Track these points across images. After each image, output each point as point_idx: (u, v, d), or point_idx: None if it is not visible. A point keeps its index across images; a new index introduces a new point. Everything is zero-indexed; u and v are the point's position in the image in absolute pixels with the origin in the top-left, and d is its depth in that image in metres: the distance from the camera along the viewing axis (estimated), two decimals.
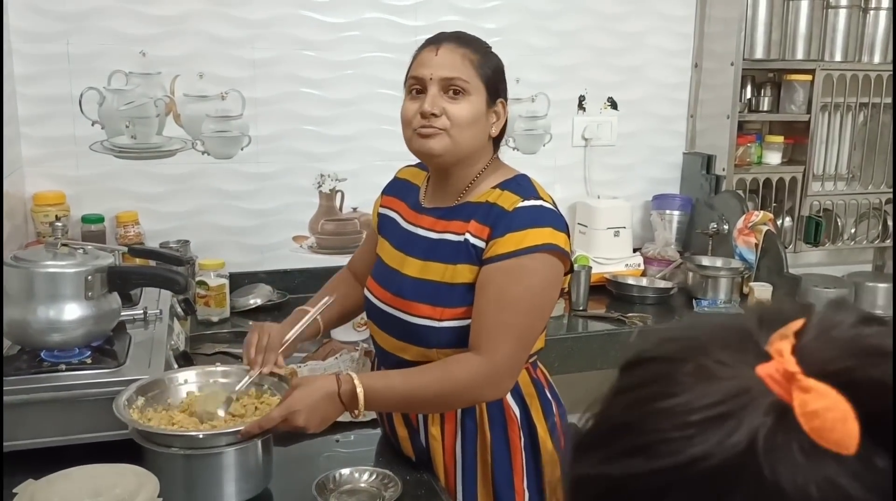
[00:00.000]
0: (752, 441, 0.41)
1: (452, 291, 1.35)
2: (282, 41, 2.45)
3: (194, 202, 2.45)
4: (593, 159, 2.91)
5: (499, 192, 1.37)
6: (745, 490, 0.41)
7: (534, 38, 2.73)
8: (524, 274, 1.30)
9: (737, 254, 2.68)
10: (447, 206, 1.42)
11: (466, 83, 1.34)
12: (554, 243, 1.31)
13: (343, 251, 2.63)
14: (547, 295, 1.35)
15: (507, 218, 1.32)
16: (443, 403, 1.37)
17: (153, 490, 1.06)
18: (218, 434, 1.22)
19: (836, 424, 0.41)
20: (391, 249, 1.47)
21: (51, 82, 2.25)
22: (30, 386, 1.34)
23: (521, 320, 1.31)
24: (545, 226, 1.32)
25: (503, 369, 1.32)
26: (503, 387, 1.36)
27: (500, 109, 1.40)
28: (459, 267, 1.35)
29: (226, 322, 2.27)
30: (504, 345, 1.30)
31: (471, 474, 1.41)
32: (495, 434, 1.40)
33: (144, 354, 1.48)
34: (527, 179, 1.41)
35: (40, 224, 2.20)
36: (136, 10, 2.29)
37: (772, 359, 0.44)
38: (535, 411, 1.44)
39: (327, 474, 1.33)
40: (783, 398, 0.42)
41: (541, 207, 1.34)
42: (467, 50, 1.36)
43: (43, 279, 1.38)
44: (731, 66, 2.79)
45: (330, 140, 2.54)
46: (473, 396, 1.35)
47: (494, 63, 1.39)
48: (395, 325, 1.41)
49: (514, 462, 1.41)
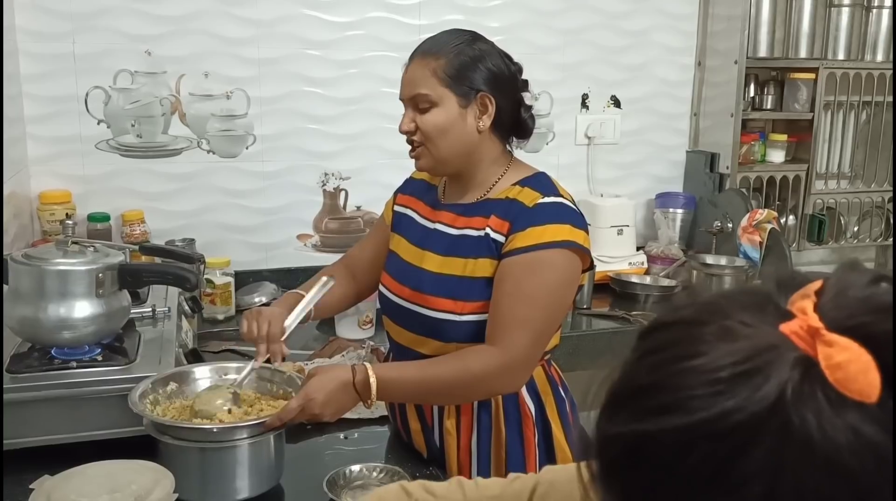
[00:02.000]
0: (780, 393, 0.44)
1: (473, 284, 1.36)
2: (286, 40, 2.45)
3: (199, 201, 2.45)
4: (597, 157, 2.91)
5: (519, 188, 1.38)
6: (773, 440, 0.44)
7: (537, 36, 2.74)
8: (542, 268, 1.31)
9: (741, 252, 2.69)
10: (468, 203, 1.43)
11: (429, 95, 1.34)
12: (573, 239, 1.32)
13: (347, 250, 2.63)
14: (564, 291, 1.36)
15: (527, 213, 1.33)
16: (457, 394, 1.37)
17: (169, 486, 1.07)
18: (233, 428, 1.23)
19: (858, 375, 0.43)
20: (409, 245, 1.48)
21: (57, 82, 2.26)
22: (41, 383, 1.35)
23: (537, 313, 1.32)
24: (565, 223, 1.33)
25: (518, 362, 1.32)
26: (518, 380, 1.37)
27: (484, 102, 1.36)
28: (480, 261, 1.36)
29: (231, 320, 2.27)
30: (520, 338, 1.31)
31: (485, 470, 1.41)
32: (510, 430, 1.41)
33: (154, 351, 1.49)
34: (547, 177, 1.42)
35: (46, 223, 2.21)
36: (142, 9, 2.30)
37: (794, 317, 0.47)
38: (550, 408, 1.44)
39: (338, 470, 1.34)
40: (808, 352, 0.45)
41: (561, 204, 1.36)
42: (432, 59, 1.35)
43: (54, 277, 1.39)
44: (734, 64, 2.80)
45: (334, 139, 2.55)
46: (487, 388, 1.36)
47: (464, 60, 1.35)
48: (414, 320, 1.41)
49: (528, 458, 1.42)
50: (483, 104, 1.36)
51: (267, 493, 1.27)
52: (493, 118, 1.37)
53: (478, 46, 1.37)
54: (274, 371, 1.40)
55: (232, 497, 1.23)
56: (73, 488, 1.04)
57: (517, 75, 1.42)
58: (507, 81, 1.39)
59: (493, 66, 1.37)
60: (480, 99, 1.36)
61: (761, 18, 2.82)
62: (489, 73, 1.36)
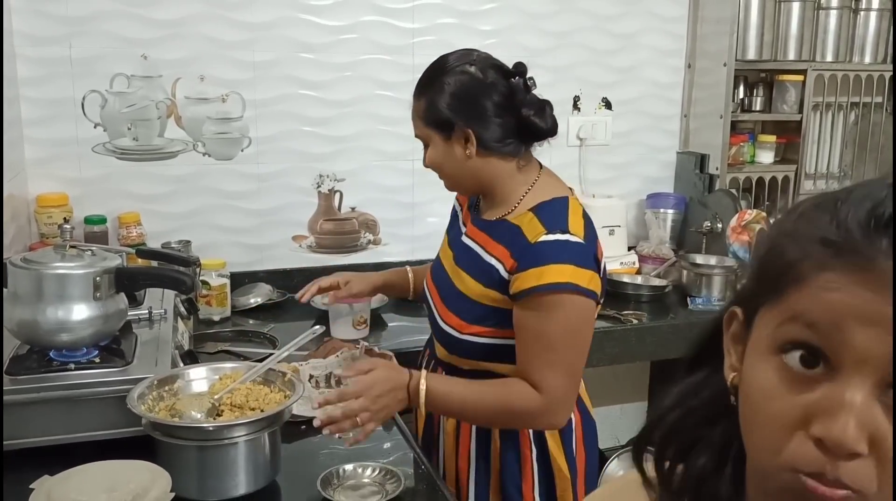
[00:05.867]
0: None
1: (475, 308, 1.41)
2: (281, 44, 2.48)
3: (195, 203, 2.48)
4: (588, 159, 2.94)
5: (531, 216, 1.38)
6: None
7: (529, 39, 2.77)
8: (552, 312, 1.31)
9: (730, 252, 2.72)
10: (490, 220, 1.47)
11: (420, 137, 1.45)
12: (574, 282, 1.30)
13: (341, 251, 2.67)
14: (581, 331, 1.36)
15: (529, 251, 1.34)
16: (496, 423, 1.44)
17: (166, 485, 1.09)
18: (230, 426, 1.25)
19: None
20: (447, 247, 1.58)
21: (53, 85, 2.28)
22: (40, 385, 1.37)
23: (563, 356, 1.34)
24: (565, 263, 1.30)
25: (557, 401, 1.36)
26: (559, 418, 1.40)
27: (464, 132, 1.39)
28: (488, 291, 1.40)
29: (227, 321, 2.30)
30: (553, 379, 1.33)
31: (482, 484, 1.48)
32: (504, 445, 1.47)
33: (151, 353, 1.51)
34: (562, 205, 1.40)
35: (44, 225, 2.23)
36: (138, 13, 2.32)
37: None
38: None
39: (331, 469, 1.36)
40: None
41: (565, 241, 1.32)
42: (416, 101, 1.44)
43: (52, 280, 1.41)
44: (723, 66, 2.83)
45: (329, 141, 2.58)
46: (526, 424, 1.42)
47: (433, 98, 1.39)
48: (433, 319, 1.53)
49: (525, 476, 1.47)
50: (463, 135, 1.39)
51: (263, 490, 1.30)
52: (476, 144, 1.39)
53: (446, 80, 1.39)
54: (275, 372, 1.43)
55: (229, 493, 1.26)
56: (72, 487, 1.07)
57: (515, 84, 1.41)
58: (491, 102, 1.38)
59: (470, 93, 1.38)
60: (459, 131, 1.39)
61: (750, 21, 2.85)
62: (466, 103, 1.38)
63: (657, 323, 2.46)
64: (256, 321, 2.32)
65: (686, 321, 2.49)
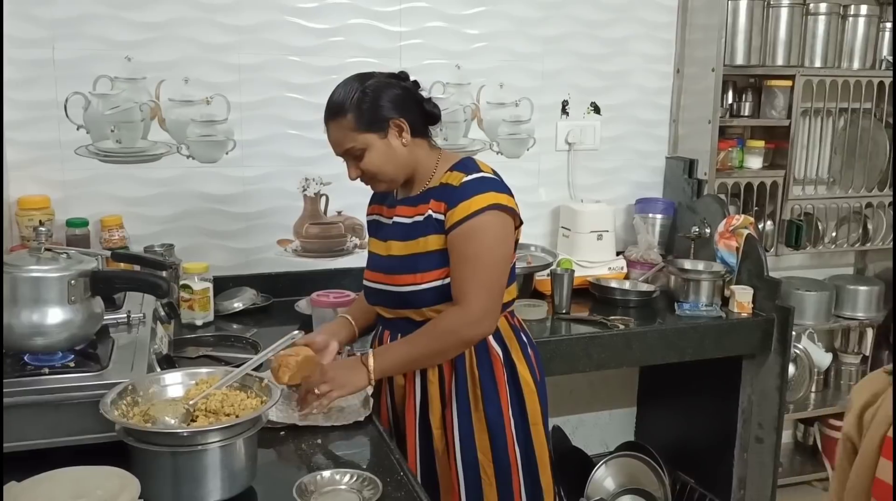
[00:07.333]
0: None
1: (427, 258, 1.63)
2: (267, 47, 2.47)
3: (179, 206, 2.46)
4: (577, 163, 2.94)
5: (449, 173, 1.66)
6: None
7: (518, 44, 2.76)
8: (476, 233, 1.58)
9: (718, 257, 2.71)
10: (415, 195, 1.69)
11: (355, 146, 1.60)
12: (496, 202, 1.60)
13: (327, 254, 2.65)
14: (501, 247, 1.62)
15: (457, 192, 1.60)
16: (435, 349, 1.64)
17: (134, 492, 1.07)
18: (204, 431, 1.24)
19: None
20: (378, 242, 1.75)
21: (36, 87, 2.26)
22: (13, 390, 1.35)
23: (484, 271, 1.59)
24: (487, 191, 1.60)
25: (478, 313, 1.60)
26: (482, 328, 1.63)
27: (397, 124, 1.60)
28: (430, 238, 1.63)
29: (210, 326, 2.28)
30: (475, 294, 1.59)
31: (464, 407, 1.68)
32: (483, 372, 1.68)
33: (127, 357, 1.49)
34: (471, 160, 1.70)
35: (24, 228, 2.21)
36: (123, 16, 2.31)
37: None
38: (515, 351, 1.73)
39: (309, 476, 1.35)
40: None
41: (482, 177, 1.63)
42: (342, 118, 1.59)
43: (26, 284, 1.39)
44: (712, 72, 2.83)
45: (314, 144, 2.55)
46: (457, 338, 1.63)
47: (365, 105, 1.58)
48: (388, 297, 1.70)
49: (501, 393, 1.69)
50: (397, 126, 1.61)
51: (238, 497, 1.28)
52: (409, 131, 1.63)
53: (368, 86, 1.59)
54: (251, 378, 1.41)
55: (204, 500, 1.24)
56: (40, 494, 1.05)
57: (407, 85, 1.66)
58: (402, 95, 1.63)
59: (387, 93, 1.60)
60: (393, 124, 1.61)
61: (738, 27, 2.85)
62: (388, 101, 1.60)
63: (645, 329, 2.45)
64: (240, 326, 2.30)
65: (674, 326, 2.48)
